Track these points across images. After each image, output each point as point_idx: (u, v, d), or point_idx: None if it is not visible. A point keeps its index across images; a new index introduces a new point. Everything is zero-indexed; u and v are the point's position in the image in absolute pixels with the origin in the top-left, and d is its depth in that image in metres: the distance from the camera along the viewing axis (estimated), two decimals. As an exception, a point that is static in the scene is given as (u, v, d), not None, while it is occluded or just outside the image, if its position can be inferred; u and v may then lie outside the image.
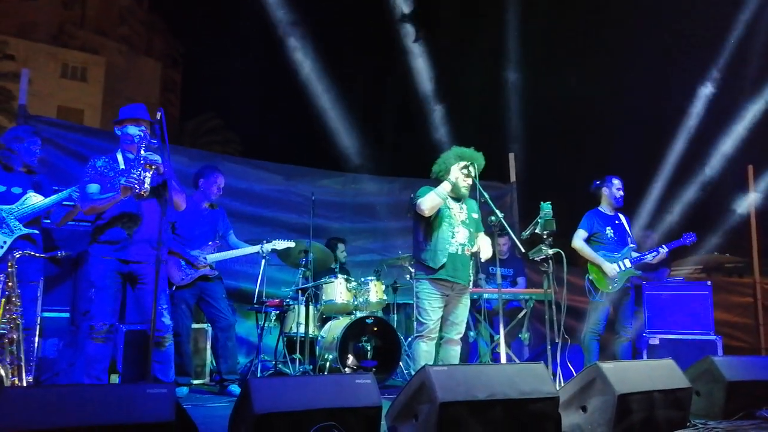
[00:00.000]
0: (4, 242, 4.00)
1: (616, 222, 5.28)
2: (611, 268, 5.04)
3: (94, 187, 3.81)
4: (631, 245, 5.20)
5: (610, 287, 5.06)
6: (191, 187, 4.95)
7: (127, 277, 3.88)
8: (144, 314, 3.93)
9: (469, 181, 4.01)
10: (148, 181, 3.57)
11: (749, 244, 6.99)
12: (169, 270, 4.68)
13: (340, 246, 6.22)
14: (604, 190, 5.34)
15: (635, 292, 6.13)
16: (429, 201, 3.87)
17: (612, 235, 5.20)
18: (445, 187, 3.92)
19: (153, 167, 3.58)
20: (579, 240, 5.20)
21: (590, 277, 5.14)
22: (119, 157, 3.92)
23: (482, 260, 4.04)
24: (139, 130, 3.86)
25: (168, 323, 3.94)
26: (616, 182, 5.33)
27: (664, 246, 5.18)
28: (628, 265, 5.09)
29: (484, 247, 4.00)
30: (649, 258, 5.17)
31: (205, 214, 4.93)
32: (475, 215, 4.13)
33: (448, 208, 4.00)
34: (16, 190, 4.20)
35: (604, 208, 5.35)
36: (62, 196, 4.14)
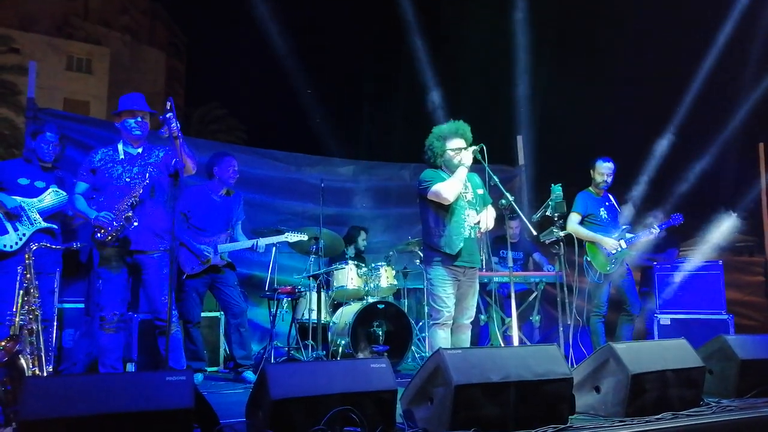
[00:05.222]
0: (24, 234, 4.07)
1: (607, 203, 5.26)
2: (613, 243, 5.01)
3: (81, 187, 3.87)
4: (624, 226, 5.19)
5: (608, 268, 5.03)
6: (204, 177, 4.96)
7: (132, 267, 3.89)
8: (150, 303, 3.94)
9: (463, 159, 3.91)
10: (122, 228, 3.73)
11: (760, 222, 6.96)
12: (180, 259, 4.71)
13: (362, 234, 6.25)
14: (592, 172, 5.28)
15: (645, 274, 6.13)
16: (453, 189, 3.79)
17: (606, 216, 5.18)
18: (463, 173, 3.86)
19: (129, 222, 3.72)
20: (573, 223, 5.14)
21: (588, 259, 5.12)
22: (120, 147, 3.91)
23: (481, 231, 3.96)
24: (136, 122, 3.87)
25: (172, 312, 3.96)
26: (604, 166, 5.22)
27: (656, 226, 5.15)
28: (624, 246, 5.08)
29: (485, 219, 3.92)
30: (642, 239, 5.15)
31: (218, 203, 4.92)
32: (480, 191, 4.05)
33: None
34: (40, 184, 4.26)
35: (592, 190, 5.29)
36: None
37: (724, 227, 5.84)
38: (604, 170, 5.20)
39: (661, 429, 2.82)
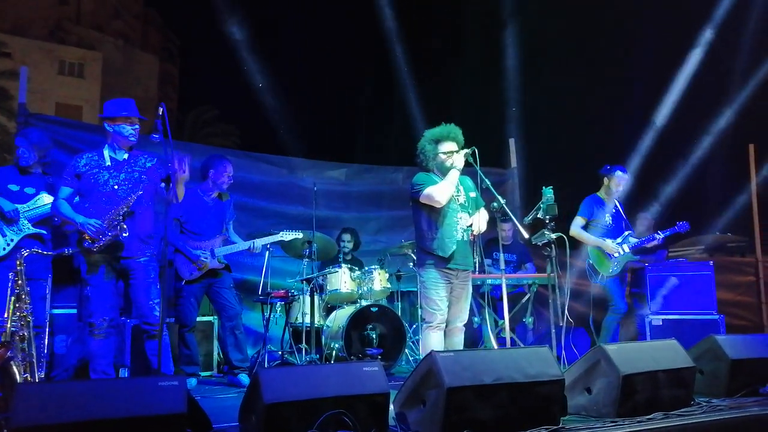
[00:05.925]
0: (12, 240, 4.06)
1: (614, 210, 5.32)
2: (614, 246, 5.06)
3: (65, 192, 3.82)
4: (627, 231, 5.23)
5: (611, 270, 5.08)
6: (198, 179, 4.96)
7: (120, 273, 3.86)
8: (137, 308, 3.91)
9: (455, 161, 3.91)
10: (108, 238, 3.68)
11: (751, 223, 7.01)
12: (177, 266, 4.71)
13: (344, 236, 6.24)
14: (607, 180, 5.34)
15: (635, 274, 6.15)
16: (445, 192, 3.80)
17: (610, 222, 5.24)
18: (455, 175, 3.86)
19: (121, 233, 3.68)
20: (577, 227, 5.20)
21: (590, 261, 5.16)
22: (106, 153, 3.85)
23: (474, 233, 3.96)
24: (133, 129, 3.86)
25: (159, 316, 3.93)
26: (620, 176, 5.28)
27: (660, 232, 5.21)
28: (627, 250, 5.13)
29: (477, 221, 3.91)
30: (646, 245, 5.22)
31: (211, 206, 4.92)
32: (473, 194, 4.06)
33: None
34: (30, 190, 4.26)
35: (602, 195, 5.35)
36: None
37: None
38: (621, 181, 5.29)
39: (652, 429, 2.84)
